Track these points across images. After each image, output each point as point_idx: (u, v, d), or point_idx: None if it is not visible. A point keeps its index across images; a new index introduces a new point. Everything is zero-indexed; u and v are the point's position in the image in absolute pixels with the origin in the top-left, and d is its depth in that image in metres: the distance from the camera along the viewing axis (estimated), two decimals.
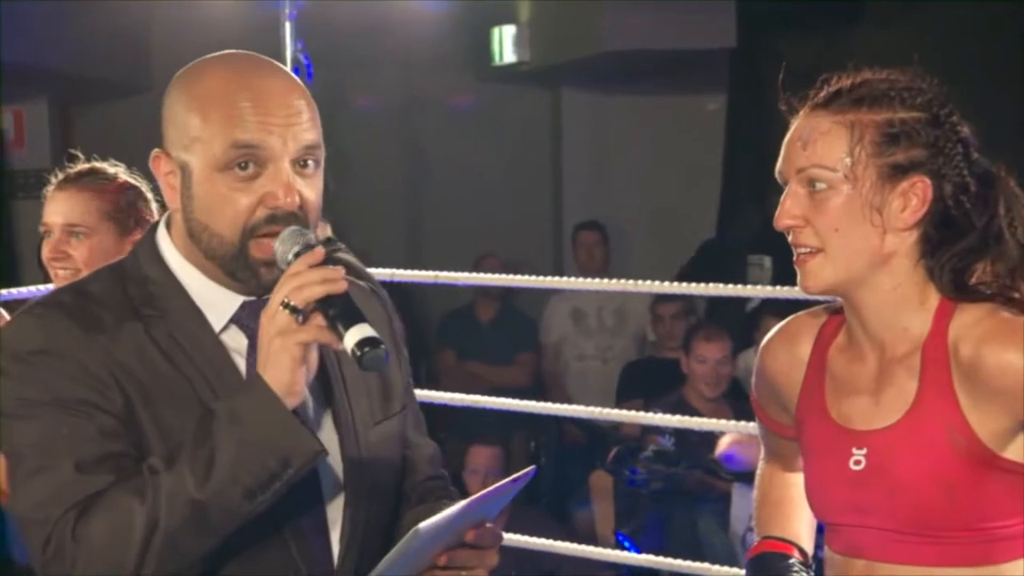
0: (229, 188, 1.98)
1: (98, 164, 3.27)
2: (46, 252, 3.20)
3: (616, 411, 5.70)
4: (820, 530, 2.31)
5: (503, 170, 10.09)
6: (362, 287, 2.24)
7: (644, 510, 6.01)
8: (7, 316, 3.28)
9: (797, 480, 2.35)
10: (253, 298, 2.06)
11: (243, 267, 2.01)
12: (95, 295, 2.03)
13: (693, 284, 4.53)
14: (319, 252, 1.95)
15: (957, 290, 2.11)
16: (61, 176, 3.24)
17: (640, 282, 4.53)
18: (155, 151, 2.05)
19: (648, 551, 5.29)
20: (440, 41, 9.55)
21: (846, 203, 2.08)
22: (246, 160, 1.97)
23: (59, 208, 3.20)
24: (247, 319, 2.05)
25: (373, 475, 2.12)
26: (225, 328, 2.06)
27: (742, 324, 7.03)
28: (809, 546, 2.35)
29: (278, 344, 1.91)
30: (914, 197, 2.08)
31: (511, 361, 8.11)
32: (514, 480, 2.04)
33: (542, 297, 8.22)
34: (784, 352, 2.27)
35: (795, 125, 2.14)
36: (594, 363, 8.03)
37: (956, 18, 8.06)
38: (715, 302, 8.16)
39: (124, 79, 9.42)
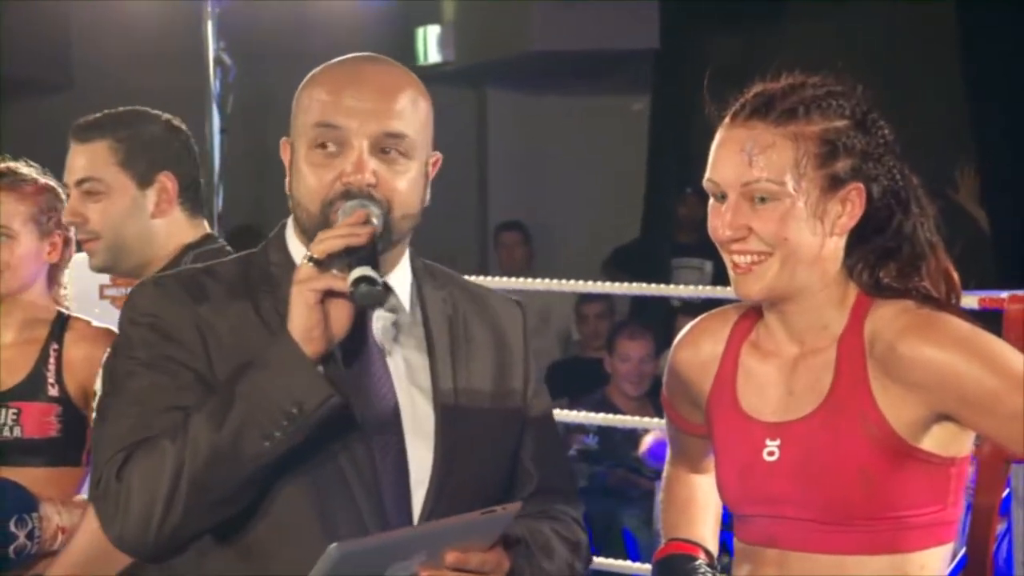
0: (313, 165, 2.12)
1: (13, 164, 3.22)
2: None
3: None
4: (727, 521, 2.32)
5: None
6: (505, 297, 2.33)
7: None
8: None
9: (703, 482, 2.37)
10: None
11: None
12: (217, 272, 2.18)
13: (617, 284, 4.54)
14: (360, 213, 2.06)
15: (875, 287, 2.14)
16: None
17: (564, 281, 4.54)
18: (283, 139, 2.20)
19: None
20: (365, 40, 9.48)
21: (793, 213, 2.09)
22: (326, 140, 2.11)
23: None
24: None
25: (471, 450, 2.14)
26: None
27: (665, 323, 7.07)
28: (714, 547, 2.36)
29: (295, 292, 2.02)
30: (850, 203, 2.11)
31: None
32: (485, 512, 1.98)
33: None
34: (697, 349, 2.28)
35: (728, 134, 2.13)
36: None
37: (879, 16, 8.15)
38: (639, 302, 8.20)
39: (44, 77, 9.32)
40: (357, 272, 2.00)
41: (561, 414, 5.09)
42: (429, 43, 9.88)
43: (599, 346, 7.02)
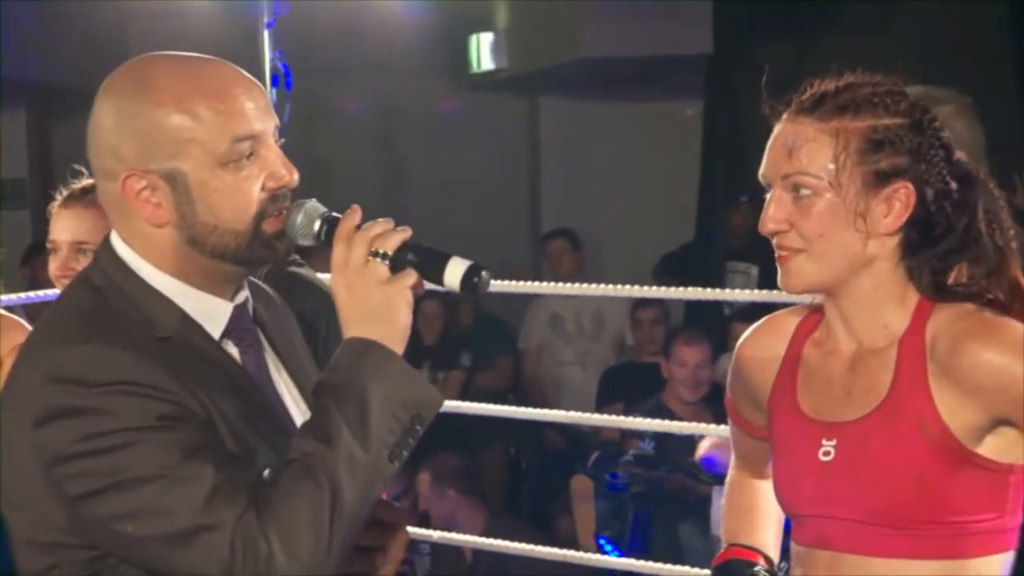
0: (236, 180, 1.96)
1: None
2: (54, 269, 3.20)
3: (596, 416, 5.72)
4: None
5: (481, 177, 10.11)
6: (254, 282, 2.20)
7: (625, 514, 6.03)
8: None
9: (765, 487, 2.37)
10: (240, 301, 2.06)
11: (260, 247, 1.99)
12: (107, 319, 1.95)
13: (671, 288, 4.54)
14: (358, 209, 1.96)
15: (937, 291, 2.13)
16: (66, 192, 3.23)
17: (618, 286, 4.54)
18: (122, 174, 1.97)
19: (629, 555, 5.31)
20: (418, 49, 9.57)
21: (831, 209, 2.10)
22: (245, 152, 1.95)
23: (66, 225, 3.19)
24: (235, 327, 2.04)
25: None
26: (221, 338, 2.02)
27: (721, 328, 7.05)
28: (775, 554, 2.36)
29: (391, 291, 1.90)
30: (897, 203, 2.11)
31: (490, 366, 8.10)
32: None
33: (519, 303, 8.22)
34: (760, 348, 2.29)
35: (779, 129, 2.15)
36: (573, 368, 8.04)
37: (932, 22, 8.11)
38: (694, 306, 8.19)
39: None
40: (459, 266, 1.92)
41: (617, 420, 5.09)
42: (482, 50, 9.90)
43: (654, 351, 7.01)
